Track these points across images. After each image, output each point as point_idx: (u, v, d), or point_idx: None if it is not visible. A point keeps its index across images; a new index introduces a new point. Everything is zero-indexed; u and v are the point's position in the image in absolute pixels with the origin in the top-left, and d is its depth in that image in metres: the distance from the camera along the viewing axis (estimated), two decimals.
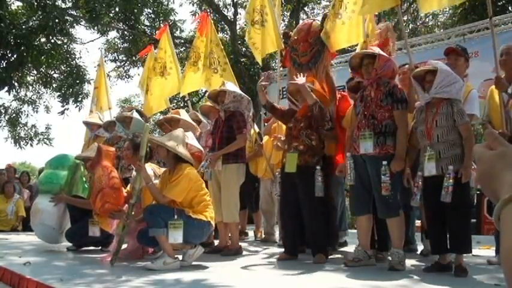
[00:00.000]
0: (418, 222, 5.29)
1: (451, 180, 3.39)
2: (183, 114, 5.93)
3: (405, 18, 17.44)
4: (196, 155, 5.09)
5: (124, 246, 4.24)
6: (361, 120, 3.87)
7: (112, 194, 4.58)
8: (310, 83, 4.46)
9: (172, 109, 7.21)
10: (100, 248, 5.03)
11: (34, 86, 16.19)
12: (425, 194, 3.63)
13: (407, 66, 4.59)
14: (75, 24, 15.18)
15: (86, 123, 6.90)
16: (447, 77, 3.59)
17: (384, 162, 3.65)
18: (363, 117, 3.85)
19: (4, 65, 14.07)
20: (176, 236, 3.73)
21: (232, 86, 5.02)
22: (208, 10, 17.08)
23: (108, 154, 4.91)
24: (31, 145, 16.25)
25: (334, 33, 4.66)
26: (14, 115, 16.11)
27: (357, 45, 5.01)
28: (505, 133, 3.90)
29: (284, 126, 5.47)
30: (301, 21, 16.11)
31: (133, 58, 17.27)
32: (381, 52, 3.93)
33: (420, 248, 4.73)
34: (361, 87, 4.03)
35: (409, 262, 3.97)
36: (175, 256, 3.85)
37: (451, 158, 3.50)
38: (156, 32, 15.80)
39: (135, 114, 5.82)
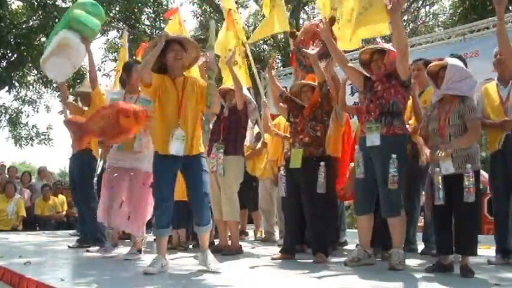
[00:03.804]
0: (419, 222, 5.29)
1: (472, 179, 3.32)
2: None
3: (405, 18, 17.47)
4: None
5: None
6: (368, 105, 3.86)
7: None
8: (312, 82, 4.47)
9: None
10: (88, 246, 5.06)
11: (34, 85, 16.19)
12: (432, 193, 3.59)
13: (420, 62, 4.59)
14: None
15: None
16: (457, 72, 3.53)
17: (394, 156, 3.61)
18: (370, 102, 3.85)
19: (4, 64, 14.10)
20: (178, 148, 3.54)
21: (245, 90, 5.02)
22: (208, 9, 17.11)
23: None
24: (31, 145, 16.28)
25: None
26: (14, 115, 16.11)
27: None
28: (508, 121, 3.90)
29: (282, 125, 5.48)
30: (301, 21, 16.17)
31: (134, 58, 17.26)
32: (391, 48, 3.90)
33: (421, 247, 4.73)
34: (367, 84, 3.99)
35: (410, 262, 3.97)
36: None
37: (464, 157, 3.43)
38: (157, 31, 15.85)
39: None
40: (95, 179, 5.47)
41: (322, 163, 4.15)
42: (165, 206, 3.58)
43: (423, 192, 4.85)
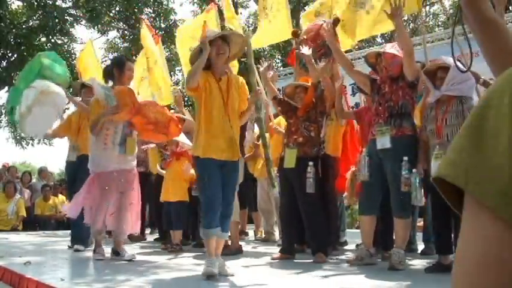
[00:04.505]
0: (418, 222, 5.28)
1: None
2: (187, 115, 5.93)
3: (405, 18, 17.47)
4: (187, 153, 5.23)
5: None
6: (377, 107, 3.86)
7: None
8: (305, 83, 4.48)
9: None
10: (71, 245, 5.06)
11: None
12: (433, 193, 3.60)
13: (418, 64, 4.60)
14: (75, 24, 15.20)
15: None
16: (459, 74, 3.48)
17: (405, 158, 3.60)
18: (379, 105, 3.85)
19: (4, 64, 14.10)
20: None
21: None
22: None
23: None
24: (32, 145, 16.27)
25: (357, 24, 4.77)
26: None
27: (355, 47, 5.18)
28: None
29: (282, 125, 5.47)
30: (301, 21, 16.15)
31: (134, 58, 17.26)
32: (387, 50, 3.90)
33: (420, 247, 4.73)
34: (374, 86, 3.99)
35: (410, 262, 3.97)
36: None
37: None
38: (157, 31, 15.84)
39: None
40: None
41: (310, 163, 4.15)
42: (216, 205, 3.38)
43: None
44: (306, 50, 4.38)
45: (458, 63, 1.60)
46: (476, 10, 0.97)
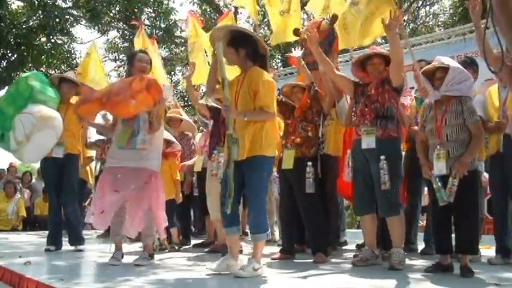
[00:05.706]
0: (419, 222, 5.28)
1: (455, 180, 3.35)
2: (184, 114, 5.93)
3: (405, 18, 17.47)
4: (174, 153, 5.26)
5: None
6: (363, 109, 3.89)
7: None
8: (301, 83, 4.49)
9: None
10: (73, 247, 5.02)
11: None
12: (433, 193, 3.60)
13: (423, 62, 4.61)
14: (75, 24, 15.21)
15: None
16: (459, 75, 3.54)
17: (382, 157, 3.65)
18: (365, 106, 3.88)
19: (4, 64, 14.11)
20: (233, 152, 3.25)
21: None
22: (208, 10, 17.09)
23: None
24: None
25: (353, 29, 4.80)
26: None
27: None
28: (503, 122, 3.91)
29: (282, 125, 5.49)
30: (301, 21, 16.15)
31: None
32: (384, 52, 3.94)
33: (421, 247, 4.73)
34: (358, 86, 4.02)
35: (410, 262, 3.96)
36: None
37: (459, 157, 3.43)
38: (157, 31, 15.85)
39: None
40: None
41: (309, 163, 4.16)
42: (223, 204, 3.37)
43: (425, 192, 4.86)
44: (295, 53, 4.41)
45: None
46: (510, 12, 0.94)
